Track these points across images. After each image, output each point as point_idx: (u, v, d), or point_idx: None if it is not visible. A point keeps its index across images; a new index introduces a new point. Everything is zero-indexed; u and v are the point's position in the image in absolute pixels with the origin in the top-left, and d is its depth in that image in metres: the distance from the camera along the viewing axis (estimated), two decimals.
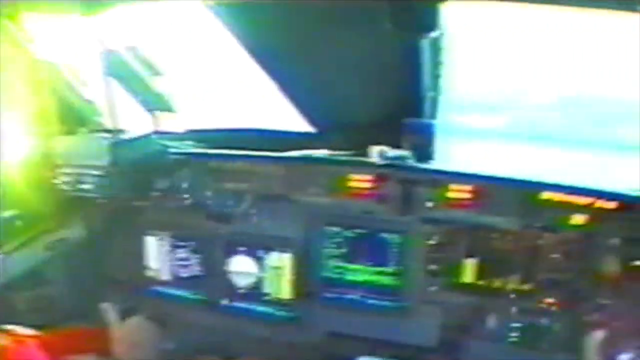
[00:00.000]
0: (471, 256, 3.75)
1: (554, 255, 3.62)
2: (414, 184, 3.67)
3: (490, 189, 3.59)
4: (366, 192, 3.75)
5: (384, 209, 3.72)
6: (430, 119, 3.87)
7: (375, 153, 3.64)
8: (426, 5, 2.97)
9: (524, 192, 3.54)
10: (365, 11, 3.05)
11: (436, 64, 3.65)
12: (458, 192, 3.64)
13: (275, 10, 3.29)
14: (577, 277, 3.57)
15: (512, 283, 3.73)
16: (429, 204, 3.68)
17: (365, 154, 3.81)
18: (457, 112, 4.66)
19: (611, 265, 3.50)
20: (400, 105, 3.77)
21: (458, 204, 3.65)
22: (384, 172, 3.67)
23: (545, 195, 3.52)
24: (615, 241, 3.47)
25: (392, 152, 3.68)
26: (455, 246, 3.75)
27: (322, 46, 3.58)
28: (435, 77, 3.73)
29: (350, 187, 3.78)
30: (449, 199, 3.66)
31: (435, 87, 3.78)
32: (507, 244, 3.68)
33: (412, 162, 3.70)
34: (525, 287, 3.71)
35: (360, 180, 3.73)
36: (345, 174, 3.72)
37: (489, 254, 3.70)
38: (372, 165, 3.68)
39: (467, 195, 3.63)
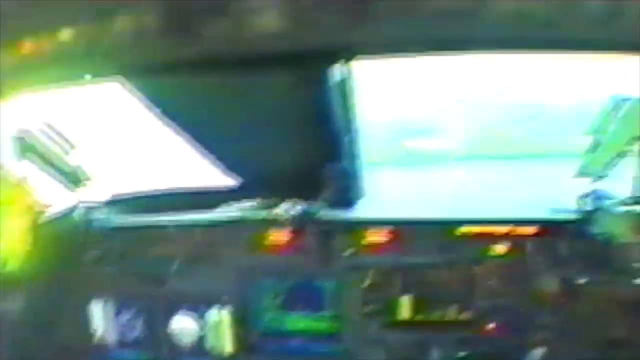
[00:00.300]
0: (406, 293, 3.77)
1: (489, 282, 3.68)
2: (330, 234, 3.70)
3: (406, 231, 3.65)
4: (286, 246, 3.76)
5: (304, 262, 3.69)
6: (350, 162, 3.83)
7: (283, 208, 3.60)
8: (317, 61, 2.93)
9: (440, 229, 3.61)
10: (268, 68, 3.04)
11: (348, 106, 3.64)
12: (375, 236, 3.68)
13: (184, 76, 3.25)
14: (514, 301, 3.64)
15: (450, 314, 3.76)
16: (348, 252, 3.69)
17: (294, 201, 3.77)
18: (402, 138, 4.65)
19: (546, 286, 3.59)
20: (319, 152, 3.77)
21: (376, 248, 3.70)
22: (297, 226, 3.61)
23: (463, 229, 3.59)
24: (544, 263, 3.57)
25: (298, 207, 3.72)
26: (389, 285, 3.77)
27: (235, 104, 3.60)
28: (349, 119, 3.71)
29: (270, 243, 3.81)
30: (366, 244, 3.70)
31: (350, 129, 3.73)
32: (439, 277, 3.73)
33: (321, 213, 3.68)
34: (464, 316, 3.76)
35: (278, 235, 3.70)
36: (263, 230, 3.68)
37: (423, 289, 3.74)
38: (280, 221, 3.64)
39: (385, 239, 3.68)
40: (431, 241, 3.64)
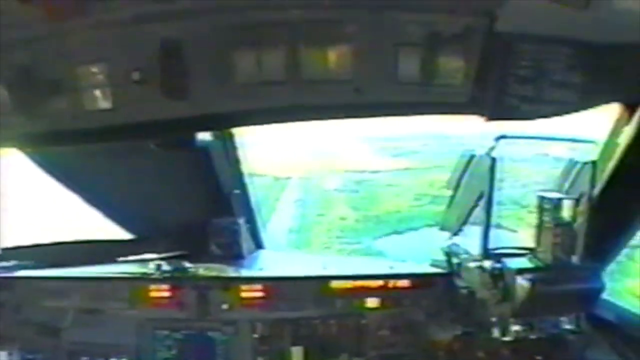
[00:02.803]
0: (296, 344, 3.74)
1: (378, 332, 3.71)
2: (206, 290, 3.69)
3: (280, 287, 3.65)
4: (165, 301, 3.71)
5: (184, 315, 3.66)
6: (239, 216, 3.83)
7: (153, 266, 3.60)
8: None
9: (315, 285, 3.63)
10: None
11: (233, 162, 3.66)
12: (250, 292, 3.68)
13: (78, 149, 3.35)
14: (404, 349, 3.68)
15: None
16: (224, 306, 3.67)
17: (182, 256, 3.76)
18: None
19: (425, 335, 3.64)
20: (210, 207, 3.72)
21: (252, 303, 3.69)
22: (173, 282, 3.58)
23: (335, 284, 3.62)
24: (421, 314, 3.64)
25: (168, 265, 3.69)
26: (279, 337, 3.75)
27: (124, 168, 3.71)
28: (236, 174, 3.72)
29: (151, 297, 3.77)
30: (242, 299, 3.69)
31: (238, 184, 3.75)
32: (328, 328, 3.73)
33: (196, 270, 3.62)
34: None
35: (158, 290, 3.66)
36: (144, 286, 3.66)
37: (313, 340, 3.73)
38: (156, 277, 3.61)
39: (260, 295, 3.68)
40: (306, 296, 3.65)
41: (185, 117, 2.42)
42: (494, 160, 2.77)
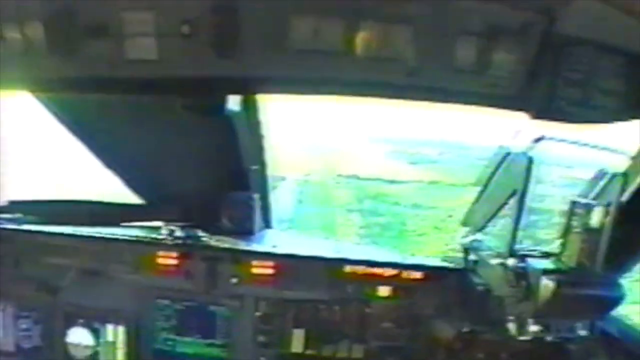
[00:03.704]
0: (298, 327, 3.70)
1: (382, 322, 3.67)
2: (216, 262, 3.62)
3: (291, 266, 3.61)
4: (173, 269, 3.66)
5: (189, 286, 3.64)
6: (254, 192, 3.77)
7: (168, 232, 3.51)
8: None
9: (326, 267, 3.59)
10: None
11: (255, 137, 3.58)
12: (261, 268, 3.62)
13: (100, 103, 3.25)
14: (402, 342, 3.65)
15: (342, 351, 3.70)
16: (234, 280, 3.61)
17: (192, 226, 3.68)
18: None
19: (433, 330, 3.61)
20: (226, 179, 3.68)
21: (262, 280, 3.63)
22: (182, 251, 3.50)
23: (349, 269, 3.57)
24: (430, 308, 3.60)
25: (184, 232, 3.62)
26: (282, 317, 3.70)
27: (145, 129, 3.59)
28: (257, 150, 3.65)
29: (158, 265, 3.70)
30: (252, 275, 3.62)
31: (257, 160, 3.68)
32: (332, 314, 3.69)
33: (208, 240, 3.54)
34: (356, 354, 3.70)
35: (165, 258, 3.58)
36: (151, 252, 3.57)
37: (315, 324, 3.69)
38: (166, 244, 3.54)
39: (270, 272, 3.62)
40: (317, 278, 3.60)
41: (230, 77, 2.34)
42: (531, 159, 2.75)
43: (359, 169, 11.76)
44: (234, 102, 3.09)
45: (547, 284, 2.72)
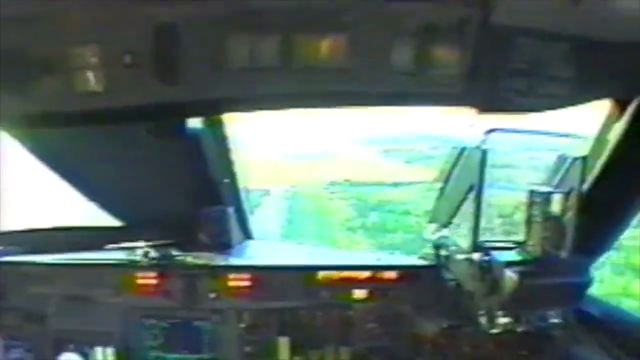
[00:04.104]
0: (283, 334, 3.73)
1: (365, 324, 3.70)
2: (194, 278, 3.67)
3: (268, 276, 3.64)
4: (152, 289, 3.71)
5: (171, 304, 3.68)
6: (228, 205, 3.80)
7: (140, 253, 3.56)
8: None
9: (301, 275, 3.63)
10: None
11: (223, 151, 3.62)
12: (237, 281, 3.66)
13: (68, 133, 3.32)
14: (391, 341, 3.67)
15: (328, 355, 3.74)
16: (212, 295, 3.66)
17: (171, 245, 3.73)
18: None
19: (414, 328, 3.63)
20: (199, 196, 3.71)
21: (240, 292, 3.67)
22: (159, 270, 3.56)
23: (324, 274, 3.63)
24: (408, 307, 3.62)
25: (158, 251, 3.69)
26: (266, 327, 3.73)
27: (114, 154, 3.63)
28: (226, 163, 3.68)
29: (138, 285, 3.76)
30: (230, 288, 3.67)
31: (227, 173, 3.71)
32: (315, 319, 3.72)
33: (184, 258, 3.60)
34: (343, 357, 3.74)
35: (145, 278, 3.63)
36: (131, 274, 3.62)
37: (299, 331, 3.71)
38: (143, 265, 3.58)
39: (247, 284, 3.66)
40: (293, 286, 3.64)
41: (177, 102, 2.37)
42: (484, 153, 2.75)
43: (351, 173, 10.22)
44: (195, 121, 3.12)
45: (510, 276, 2.72)
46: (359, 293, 3.62)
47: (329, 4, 2.20)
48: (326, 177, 9.96)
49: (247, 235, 4.17)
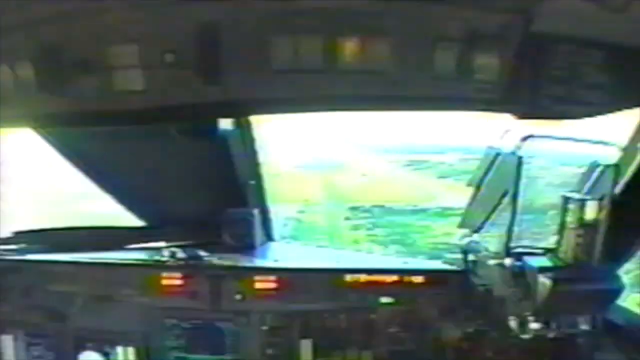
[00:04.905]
0: (305, 337, 3.71)
1: (388, 328, 3.68)
2: (219, 279, 3.66)
3: (294, 279, 3.63)
4: (178, 289, 3.71)
5: (195, 305, 3.69)
6: (253, 207, 3.80)
7: (170, 253, 3.55)
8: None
9: (328, 278, 3.61)
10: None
11: (251, 153, 3.62)
12: (264, 283, 3.65)
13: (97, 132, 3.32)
14: (410, 346, 3.65)
15: (351, 358, 3.73)
16: (237, 297, 3.65)
17: (194, 246, 3.72)
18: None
19: (439, 333, 3.62)
20: (225, 197, 3.71)
21: (265, 294, 3.66)
22: (186, 271, 3.58)
23: (350, 278, 3.60)
24: (434, 311, 3.61)
25: (185, 252, 3.70)
26: (288, 329, 3.72)
27: (143, 153, 3.67)
28: (253, 165, 3.69)
29: (163, 285, 3.74)
30: (255, 290, 3.66)
31: (254, 175, 3.71)
32: (337, 322, 3.71)
33: (210, 259, 3.60)
34: None
35: (170, 279, 3.62)
36: (156, 273, 3.61)
37: (322, 334, 3.70)
38: (169, 265, 3.58)
39: (273, 286, 3.65)
40: (319, 289, 3.63)
41: (217, 102, 2.37)
42: (520, 159, 2.75)
43: (378, 193, 8.00)
44: (226, 123, 3.12)
45: (544, 282, 2.72)
46: (386, 296, 3.62)
47: (372, 6, 2.21)
48: (344, 196, 8.12)
49: (270, 237, 4.15)
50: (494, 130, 3.04)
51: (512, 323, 2.96)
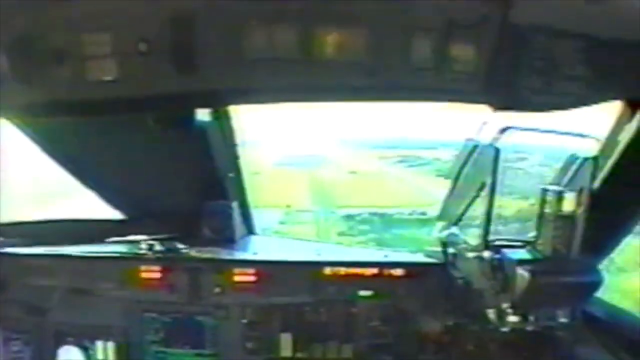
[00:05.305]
0: (285, 331, 3.71)
1: (369, 321, 3.68)
2: (198, 273, 3.63)
3: (273, 271, 3.61)
4: (157, 282, 3.68)
5: (174, 298, 3.66)
6: (233, 200, 3.76)
7: (145, 246, 3.51)
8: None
9: (307, 270, 3.59)
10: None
11: (229, 145, 3.57)
12: (243, 276, 3.63)
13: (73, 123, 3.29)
14: (395, 339, 3.66)
15: (331, 352, 3.71)
16: (217, 290, 3.62)
17: (173, 238, 3.68)
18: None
19: (418, 326, 3.62)
20: (204, 190, 3.69)
21: (245, 287, 3.64)
22: (164, 264, 3.51)
23: (330, 271, 3.59)
24: (414, 304, 3.60)
25: (163, 245, 3.67)
26: (268, 323, 3.71)
27: (119, 145, 3.59)
28: (232, 157, 3.64)
29: (142, 279, 3.71)
30: (235, 283, 3.63)
31: (233, 168, 3.67)
32: (318, 316, 3.70)
33: (188, 252, 3.55)
34: (345, 354, 3.71)
35: (149, 272, 3.58)
36: (134, 266, 3.56)
37: (302, 327, 3.69)
38: (147, 258, 3.53)
39: (252, 279, 3.63)
40: (299, 282, 3.60)
41: (192, 92, 2.33)
42: (497, 150, 2.73)
43: (372, 193, 7.09)
44: (203, 113, 3.07)
45: (522, 274, 2.71)
46: (366, 289, 3.61)
47: None
48: (332, 198, 7.24)
49: (250, 230, 4.12)
50: (475, 120, 3.01)
51: (491, 316, 2.93)
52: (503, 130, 2.73)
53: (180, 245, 3.56)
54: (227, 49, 2.21)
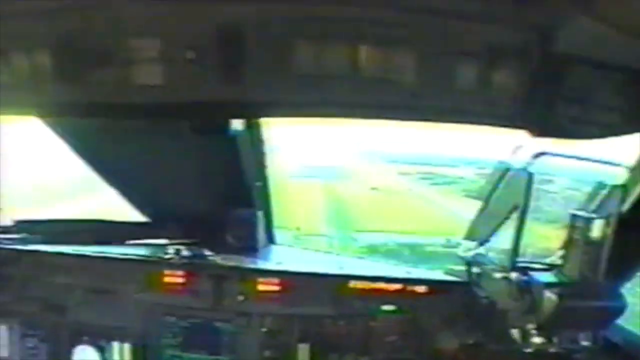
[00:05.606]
0: (303, 341, 3.70)
1: (387, 336, 3.68)
2: (222, 280, 3.65)
3: (297, 282, 3.63)
4: (180, 287, 3.70)
5: (197, 304, 3.67)
6: (258, 209, 3.79)
7: (175, 251, 3.53)
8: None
9: (331, 283, 3.61)
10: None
11: (259, 154, 3.61)
12: (267, 285, 3.65)
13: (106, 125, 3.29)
14: (408, 355, 3.66)
15: None
16: (240, 298, 3.64)
17: (196, 244, 3.70)
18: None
19: (437, 343, 3.61)
20: (229, 197, 3.71)
21: (268, 296, 3.66)
22: (189, 269, 3.61)
23: (354, 284, 3.61)
24: (435, 321, 3.61)
25: (190, 250, 3.69)
26: (287, 333, 3.71)
27: (150, 149, 3.65)
28: (260, 167, 3.67)
29: (165, 283, 3.73)
30: (258, 292, 3.66)
31: (260, 177, 3.70)
32: (336, 328, 3.70)
33: (214, 259, 3.64)
34: None
35: (172, 276, 3.63)
36: (158, 270, 3.58)
37: (320, 339, 3.69)
38: (172, 263, 3.65)
39: (276, 288, 3.64)
40: (321, 294, 3.62)
41: (235, 101, 2.36)
42: (531, 175, 2.77)
43: (396, 214, 6.48)
44: (238, 122, 3.11)
45: (550, 297, 2.74)
46: (388, 304, 3.63)
47: (396, 17, 2.22)
48: (352, 222, 6.69)
49: (271, 239, 4.14)
50: (506, 145, 3.05)
51: (515, 336, 2.97)
52: (537, 155, 2.77)
53: (206, 252, 3.57)
54: (273, 61, 2.24)
